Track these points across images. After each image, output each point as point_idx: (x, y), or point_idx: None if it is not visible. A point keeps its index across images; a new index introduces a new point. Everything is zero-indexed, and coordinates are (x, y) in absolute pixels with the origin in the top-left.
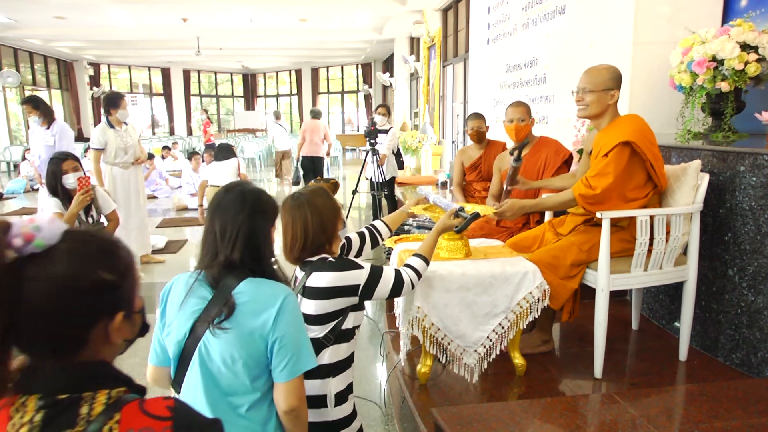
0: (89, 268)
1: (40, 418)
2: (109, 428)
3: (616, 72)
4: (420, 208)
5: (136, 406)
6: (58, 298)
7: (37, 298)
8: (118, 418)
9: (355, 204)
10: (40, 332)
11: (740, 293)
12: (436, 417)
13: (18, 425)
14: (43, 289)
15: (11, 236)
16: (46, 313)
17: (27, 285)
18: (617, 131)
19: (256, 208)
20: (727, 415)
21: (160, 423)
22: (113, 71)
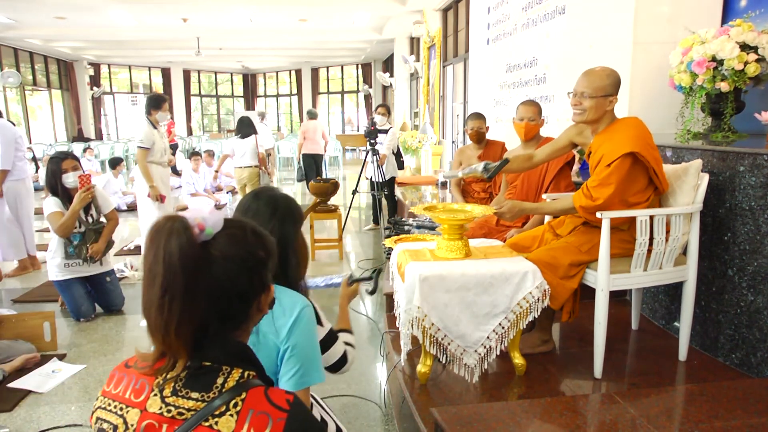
0: (253, 248)
1: (185, 375)
2: (234, 403)
3: (616, 77)
4: (420, 208)
5: (261, 391)
6: (235, 276)
7: (222, 277)
8: (244, 397)
9: (355, 204)
10: (220, 310)
11: (740, 293)
12: (436, 417)
13: (169, 372)
14: (224, 270)
15: (193, 225)
16: (227, 292)
17: (212, 267)
18: (618, 138)
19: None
20: (727, 415)
21: (277, 412)
22: (113, 71)
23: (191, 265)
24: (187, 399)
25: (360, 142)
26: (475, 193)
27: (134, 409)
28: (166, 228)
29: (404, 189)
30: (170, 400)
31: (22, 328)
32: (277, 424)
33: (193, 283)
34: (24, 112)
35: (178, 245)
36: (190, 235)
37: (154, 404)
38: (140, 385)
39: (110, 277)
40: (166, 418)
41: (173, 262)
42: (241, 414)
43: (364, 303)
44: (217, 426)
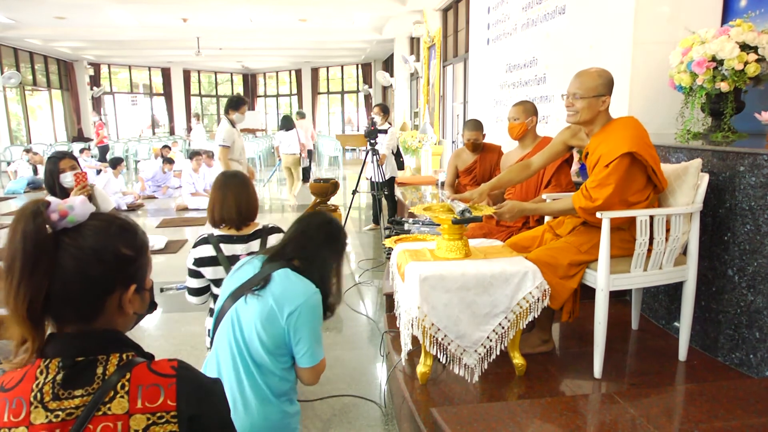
0: (113, 242)
1: (61, 377)
2: (122, 384)
3: (608, 77)
4: (420, 208)
5: (144, 367)
6: (86, 266)
7: (69, 265)
8: (129, 376)
9: (355, 204)
10: (67, 297)
11: (740, 293)
12: (436, 417)
13: (42, 384)
14: (74, 258)
15: (50, 211)
16: (74, 280)
17: (61, 253)
18: (615, 138)
19: (333, 245)
20: (726, 415)
21: (165, 380)
22: (113, 71)
23: (33, 247)
24: (71, 398)
25: (360, 142)
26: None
27: (19, 428)
28: (25, 210)
29: (404, 189)
30: (54, 406)
31: None
32: (169, 390)
33: (32, 264)
34: (24, 112)
35: (24, 227)
36: (41, 220)
37: (39, 416)
38: (17, 403)
39: None
40: (56, 423)
41: (17, 243)
42: (131, 392)
43: (364, 303)
44: (111, 411)
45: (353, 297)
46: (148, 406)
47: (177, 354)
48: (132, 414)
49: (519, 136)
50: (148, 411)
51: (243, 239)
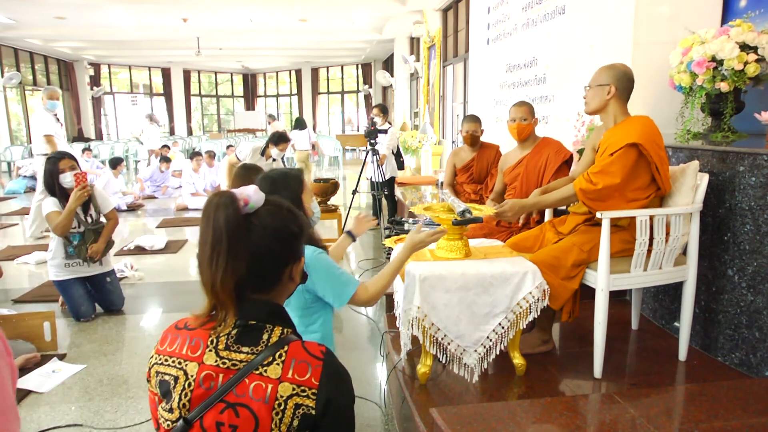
0: (286, 222)
1: (235, 333)
2: (279, 354)
3: (619, 69)
4: (420, 208)
5: (299, 344)
6: (270, 242)
7: (259, 243)
8: (287, 349)
9: (355, 204)
10: (257, 269)
11: (740, 293)
12: (436, 417)
13: (220, 334)
14: (261, 236)
15: (239, 199)
16: (263, 254)
17: (252, 234)
18: (625, 131)
19: (278, 187)
20: (726, 414)
21: (315, 360)
22: (113, 71)
23: (234, 229)
24: (239, 352)
25: (360, 142)
26: (466, 194)
27: (192, 362)
28: (215, 201)
29: (404, 189)
30: (224, 354)
31: (22, 328)
32: (316, 370)
33: (235, 244)
34: (24, 112)
35: (225, 214)
36: (236, 206)
37: (210, 358)
38: (195, 342)
39: (110, 277)
40: (222, 369)
41: (220, 226)
42: (285, 363)
43: None
44: (267, 373)
45: None
46: (297, 378)
47: None
48: (282, 381)
49: (526, 137)
50: (295, 383)
51: None
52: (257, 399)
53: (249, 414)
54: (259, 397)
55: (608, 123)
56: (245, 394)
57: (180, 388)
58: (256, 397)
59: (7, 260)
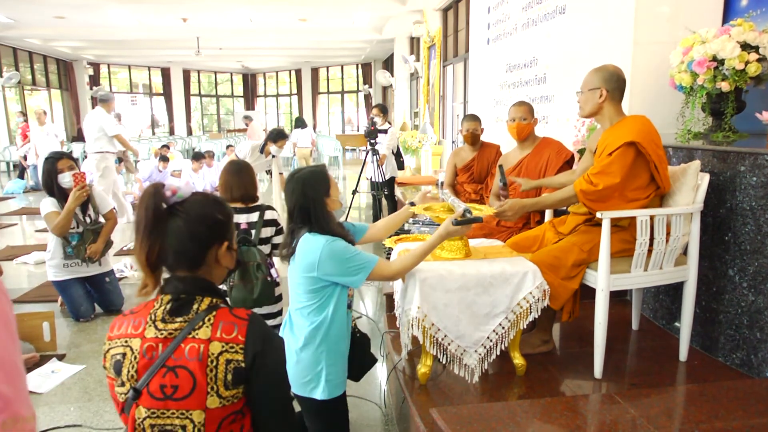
0: (211, 210)
1: (169, 307)
2: (209, 318)
3: (608, 71)
4: (420, 208)
5: (226, 310)
6: (192, 227)
7: (179, 227)
8: (215, 314)
9: (355, 204)
10: (180, 250)
11: (740, 293)
12: (436, 417)
13: (156, 310)
14: (183, 222)
15: (165, 190)
16: (183, 237)
17: (173, 220)
18: (623, 131)
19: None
20: (727, 415)
21: (240, 321)
22: (113, 71)
23: (154, 215)
24: (173, 323)
25: (360, 142)
26: (467, 194)
27: (136, 338)
28: (145, 191)
29: (404, 189)
30: (161, 326)
31: (22, 329)
32: (241, 329)
33: (154, 227)
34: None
35: (146, 202)
36: (159, 195)
37: (150, 331)
38: (137, 322)
39: (109, 277)
40: (160, 339)
41: (142, 212)
42: (214, 325)
43: (364, 303)
44: (198, 336)
45: (353, 297)
46: (225, 337)
47: None
48: (212, 341)
49: (526, 136)
50: (224, 341)
51: (245, 210)
52: (192, 358)
53: (187, 373)
54: (193, 357)
55: (605, 125)
56: (182, 357)
57: (128, 362)
58: (191, 357)
59: (7, 260)
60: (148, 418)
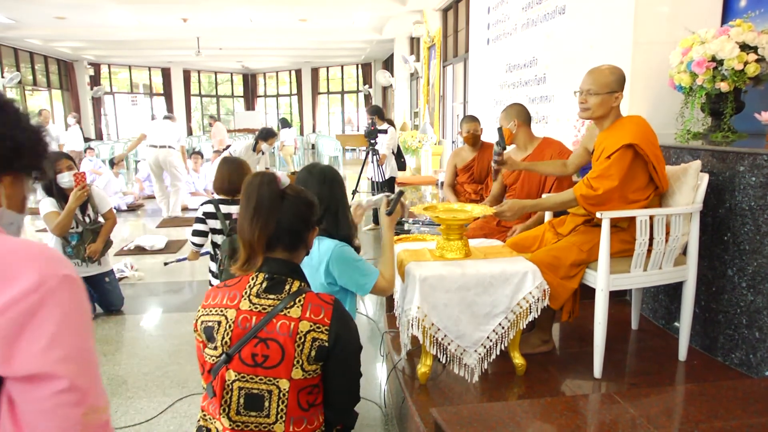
0: (309, 197)
1: (264, 284)
2: (299, 299)
3: (621, 74)
4: (420, 208)
5: (314, 294)
6: (302, 208)
7: (291, 209)
8: (304, 296)
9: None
10: (289, 231)
11: (740, 293)
12: (436, 417)
13: (253, 285)
14: (295, 204)
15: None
16: (295, 217)
17: (285, 203)
18: (620, 133)
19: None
20: (726, 414)
21: (327, 305)
22: (113, 71)
23: (273, 199)
24: (267, 299)
25: (360, 142)
26: (467, 194)
27: (231, 309)
28: (259, 179)
29: (404, 189)
30: (255, 301)
31: None
32: (327, 312)
33: (271, 210)
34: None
35: (268, 188)
36: (276, 183)
37: (245, 304)
38: (233, 294)
39: (109, 277)
40: (254, 312)
41: (263, 197)
42: (304, 306)
43: (364, 303)
44: (290, 314)
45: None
46: (313, 317)
47: (177, 354)
48: (302, 320)
49: (508, 141)
50: (312, 321)
51: (236, 202)
52: (283, 333)
53: (277, 346)
54: (284, 332)
55: (603, 125)
56: (273, 331)
57: (222, 330)
58: (282, 332)
59: None
60: (237, 381)
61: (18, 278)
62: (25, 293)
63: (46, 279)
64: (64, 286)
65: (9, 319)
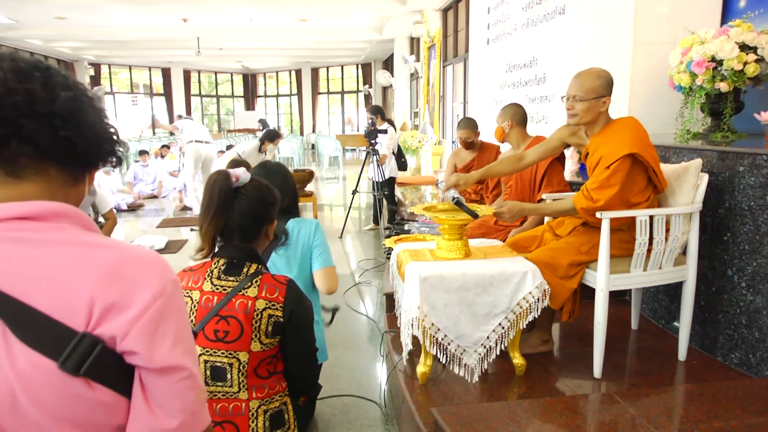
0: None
1: (224, 267)
2: (256, 280)
3: (607, 77)
4: (420, 208)
5: (269, 275)
6: (252, 206)
7: (242, 206)
8: (261, 277)
9: (355, 204)
10: (241, 225)
11: (739, 293)
12: (436, 417)
13: (214, 268)
14: (246, 201)
15: (231, 176)
16: (247, 215)
17: (238, 200)
18: (616, 140)
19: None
20: (726, 414)
21: (281, 285)
22: (114, 71)
23: (224, 196)
24: (227, 280)
25: (360, 142)
26: (466, 194)
27: (196, 291)
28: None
29: (404, 189)
30: (216, 282)
31: None
32: (281, 290)
33: (222, 206)
34: None
35: (219, 186)
36: (228, 181)
37: (207, 286)
38: (197, 277)
39: None
40: (216, 293)
41: (214, 194)
42: (260, 286)
43: (364, 303)
44: (247, 293)
45: (353, 297)
46: (268, 296)
47: None
48: (258, 298)
49: (500, 140)
50: (267, 299)
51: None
52: (241, 311)
53: (236, 322)
54: (242, 310)
55: (594, 130)
56: (233, 309)
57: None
58: (240, 310)
59: None
60: (202, 354)
61: (146, 286)
62: (154, 298)
63: (165, 284)
64: (177, 290)
65: (146, 321)
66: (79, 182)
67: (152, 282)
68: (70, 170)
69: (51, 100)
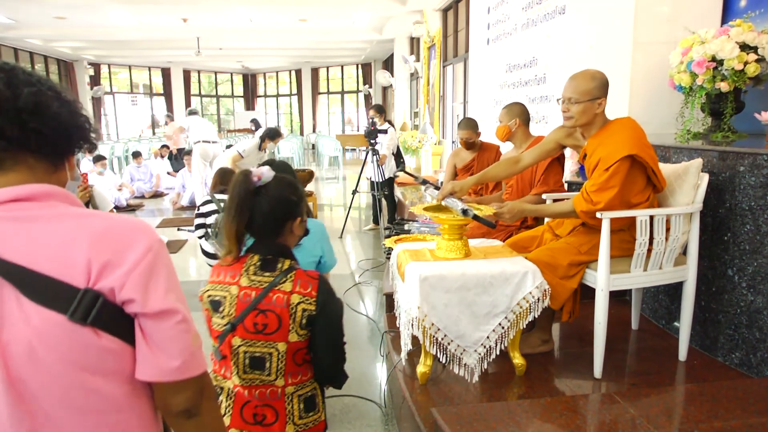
0: (287, 192)
1: (259, 264)
2: (290, 276)
3: (602, 79)
4: (420, 208)
5: (302, 271)
6: (273, 205)
7: (263, 205)
8: (294, 272)
9: (355, 204)
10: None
11: (740, 293)
12: (436, 417)
13: (249, 265)
14: (266, 201)
15: (252, 176)
16: (266, 213)
17: (258, 199)
18: (614, 141)
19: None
20: (726, 414)
21: (313, 280)
22: (113, 71)
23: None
24: (263, 276)
25: (360, 142)
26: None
27: (233, 285)
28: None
29: (404, 189)
30: (253, 278)
31: None
32: (314, 285)
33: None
34: None
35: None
36: (248, 181)
37: (244, 281)
38: (233, 273)
39: None
40: (253, 288)
41: (235, 195)
42: (294, 281)
43: (364, 303)
44: (283, 288)
45: (353, 297)
46: (302, 291)
47: None
48: (293, 293)
49: (504, 138)
50: (301, 294)
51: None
52: (278, 305)
53: (274, 316)
54: (279, 304)
55: (590, 131)
56: (270, 303)
57: (228, 303)
58: (278, 303)
59: None
60: (242, 345)
61: (136, 244)
62: (144, 253)
63: (152, 242)
64: (163, 247)
65: (139, 273)
66: (59, 168)
67: (140, 241)
68: (46, 158)
69: (15, 96)
